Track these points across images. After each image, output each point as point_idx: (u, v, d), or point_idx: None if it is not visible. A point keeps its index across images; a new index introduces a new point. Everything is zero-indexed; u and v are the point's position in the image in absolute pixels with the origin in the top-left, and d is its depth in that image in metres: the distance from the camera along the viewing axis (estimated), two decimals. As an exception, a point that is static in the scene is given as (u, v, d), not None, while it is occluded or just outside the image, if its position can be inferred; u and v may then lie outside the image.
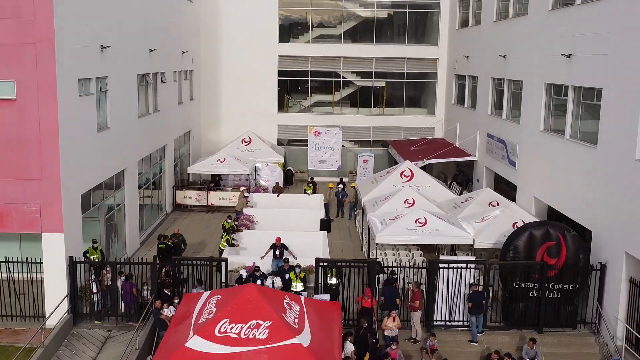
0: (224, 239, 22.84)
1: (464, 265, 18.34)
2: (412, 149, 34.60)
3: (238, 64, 38.31)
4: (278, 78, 38.92)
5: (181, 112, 33.43)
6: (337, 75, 39.42)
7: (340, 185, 31.60)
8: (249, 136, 35.78)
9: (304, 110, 40.29)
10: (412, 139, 37.80)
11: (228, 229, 23.33)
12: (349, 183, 34.04)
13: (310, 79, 39.67)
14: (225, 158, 32.26)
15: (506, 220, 20.53)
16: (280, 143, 39.38)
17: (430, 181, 26.39)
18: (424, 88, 40.65)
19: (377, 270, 19.09)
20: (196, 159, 35.70)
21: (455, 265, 18.36)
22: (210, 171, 32.44)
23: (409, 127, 39.20)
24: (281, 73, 38.98)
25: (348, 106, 40.24)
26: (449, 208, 23.92)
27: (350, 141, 39.57)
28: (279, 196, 30.50)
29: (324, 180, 36.01)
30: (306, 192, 31.41)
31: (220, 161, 32.05)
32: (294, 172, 38.10)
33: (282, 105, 39.94)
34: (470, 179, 32.66)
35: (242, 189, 30.25)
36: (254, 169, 33.83)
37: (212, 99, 38.85)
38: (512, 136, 25.96)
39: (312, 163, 36.65)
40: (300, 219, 26.80)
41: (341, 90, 39.92)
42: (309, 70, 39.25)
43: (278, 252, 21.10)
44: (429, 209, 22.01)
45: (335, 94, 39.82)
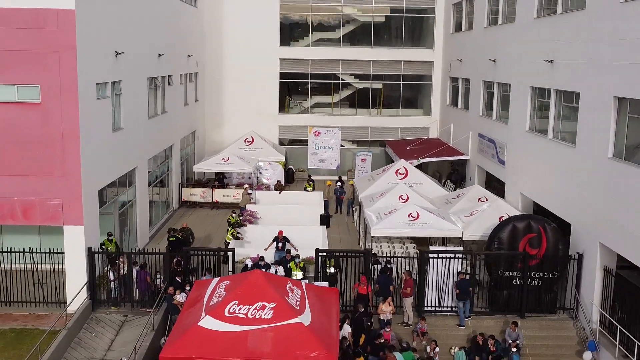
0: (229, 232, 24.33)
1: (452, 255, 19.88)
2: (408, 148, 36.07)
3: (240, 66, 39.76)
4: (279, 80, 40.38)
5: (187, 113, 34.93)
6: (336, 77, 40.90)
7: (339, 183, 33.11)
8: (252, 136, 37.28)
9: (304, 111, 41.77)
10: (409, 138, 39.24)
11: (233, 223, 24.83)
12: (348, 181, 35.51)
13: (310, 81, 41.15)
14: (229, 157, 33.79)
15: (493, 215, 22.02)
16: (281, 143, 40.84)
17: (423, 179, 27.87)
18: (420, 90, 42.10)
19: (373, 261, 20.61)
20: (201, 158, 37.20)
21: (444, 255, 19.91)
22: (215, 169, 33.96)
23: (405, 127, 40.67)
24: (282, 75, 40.45)
25: (347, 107, 41.72)
26: (441, 204, 25.42)
27: (349, 141, 41.01)
28: (280, 193, 31.96)
29: (323, 178, 37.51)
30: (306, 189, 32.90)
31: (225, 160, 33.58)
32: (294, 170, 39.59)
33: (283, 106, 41.41)
34: (464, 177, 34.15)
35: (246, 186, 31.76)
36: (256, 168, 35.28)
37: (216, 100, 40.34)
38: (501, 136, 27.46)
39: (312, 162, 38.09)
40: (300, 214, 28.17)
41: (340, 91, 41.40)
42: (309, 73, 40.71)
43: (280, 244, 22.58)
44: (422, 205, 23.52)
45: (334, 95, 41.31)
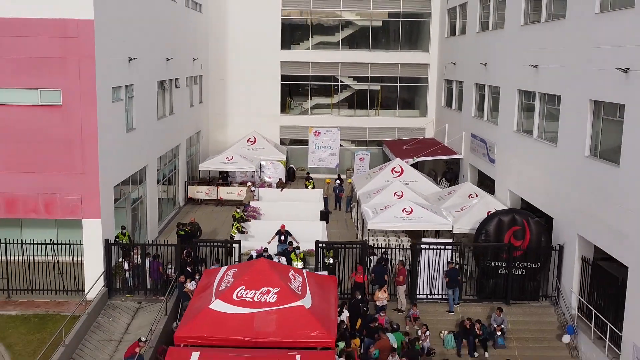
0: (234, 227, 25.85)
1: (442, 247, 21.43)
2: (404, 147, 37.57)
3: (243, 69, 41.26)
4: (280, 82, 41.91)
5: (192, 114, 36.45)
6: (335, 79, 42.42)
7: (338, 181, 34.65)
8: (254, 136, 38.81)
9: (305, 112, 43.28)
10: (405, 138, 40.73)
11: (238, 218, 26.34)
12: (346, 179, 37.00)
13: (310, 83, 42.67)
14: (233, 156, 35.32)
15: (481, 209, 23.53)
16: (282, 142, 42.34)
17: (418, 176, 29.41)
18: (417, 91, 43.59)
19: (369, 253, 22.15)
20: (205, 157, 38.72)
21: (434, 247, 21.46)
22: (219, 168, 35.50)
23: (402, 127, 42.16)
24: (283, 77, 41.97)
25: (346, 108, 43.23)
26: (434, 200, 26.94)
27: (348, 141, 42.51)
28: (282, 191, 33.46)
29: (323, 176, 39.04)
30: (307, 186, 34.44)
31: (229, 159, 35.11)
32: (295, 169, 41.10)
33: (285, 107, 42.91)
34: (458, 175, 35.63)
35: (249, 184, 33.25)
36: (258, 167, 36.80)
37: (220, 101, 41.85)
38: (491, 136, 28.98)
39: (312, 161, 39.60)
40: (301, 211, 29.60)
41: (339, 93, 42.92)
42: (309, 75, 42.26)
43: (283, 237, 24.12)
44: (415, 200, 25.03)
45: (333, 96, 42.83)
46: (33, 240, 21.18)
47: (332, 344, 15.76)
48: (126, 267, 21.42)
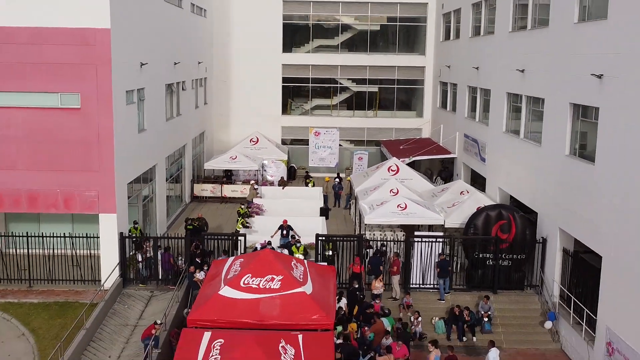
0: (239, 222, 27.38)
1: (433, 240, 22.98)
2: (401, 147, 39.10)
3: (246, 71, 42.78)
4: (282, 84, 43.45)
5: (197, 115, 37.99)
6: (335, 81, 43.95)
7: (337, 179, 36.19)
8: (256, 136, 40.37)
9: (305, 112, 44.80)
10: (402, 138, 42.23)
11: (243, 214, 27.88)
12: (345, 177, 38.53)
13: (310, 85, 44.18)
14: (236, 155, 36.88)
15: (471, 205, 25.05)
16: (284, 142, 43.85)
17: (413, 175, 30.95)
18: (413, 93, 45.09)
19: (366, 246, 23.67)
20: (209, 156, 40.25)
21: (427, 240, 23.01)
22: (224, 167, 37.05)
23: (399, 128, 43.68)
24: (285, 80, 43.51)
25: (345, 109, 44.73)
26: (428, 197, 28.48)
27: (347, 141, 44.03)
28: (283, 189, 34.98)
29: (322, 175, 40.56)
30: (307, 184, 35.99)
31: (233, 158, 36.67)
32: (296, 168, 42.64)
33: (286, 109, 44.44)
34: (453, 174, 37.14)
35: (252, 182, 34.80)
36: (261, 166, 38.33)
37: (223, 103, 43.38)
38: (482, 136, 30.51)
39: (313, 160, 41.18)
40: (302, 207, 31.09)
41: (338, 94, 44.46)
42: (309, 77, 43.78)
43: (285, 231, 25.65)
44: (410, 197, 26.57)
45: (333, 98, 44.36)
46: (52, 233, 22.72)
47: (331, 326, 17.25)
48: (139, 259, 22.96)
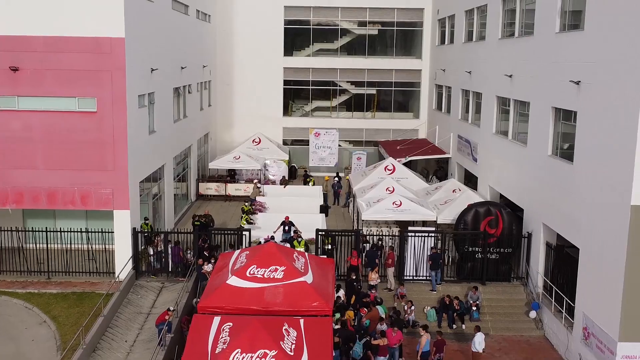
0: (243, 218, 28.94)
1: (426, 235, 24.53)
2: (398, 147, 40.65)
3: (248, 74, 44.31)
4: (283, 86, 44.97)
5: (202, 117, 39.54)
6: (334, 84, 45.48)
7: (336, 178, 37.75)
8: (259, 137, 41.92)
9: (306, 114, 46.32)
10: (399, 139, 43.81)
11: (247, 211, 29.44)
12: (344, 177, 40.09)
13: (311, 87, 45.70)
14: (240, 155, 38.41)
15: (463, 203, 26.55)
16: (285, 143, 45.38)
17: (408, 174, 32.50)
18: (410, 95, 46.60)
19: (362, 240, 25.23)
20: (213, 156, 41.80)
21: (420, 235, 24.56)
22: (228, 167, 38.59)
23: (396, 129, 45.23)
24: (286, 82, 45.04)
25: (344, 111, 46.25)
26: (422, 195, 30.03)
27: (346, 141, 45.56)
28: (285, 187, 36.53)
29: (322, 174, 42.13)
30: (308, 183, 37.56)
31: (236, 158, 38.21)
32: (297, 167, 44.17)
33: (287, 110, 45.99)
34: (447, 173, 38.68)
35: (255, 181, 36.35)
36: (263, 165, 39.87)
37: (227, 105, 44.93)
38: (474, 137, 32.06)
39: (313, 160, 42.79)
40: (302, 205, 32.61)
41: (338, 97, 46.00)
42: (310, 80, 45.33)
43: (287, 227, 27.20)
44: (405, 195, 28.12)
45: (332, 100, 45.90)
46: (70, 228, 24.28)
47: (329, 312, 18.77)
48: (151, 253, 24.52)
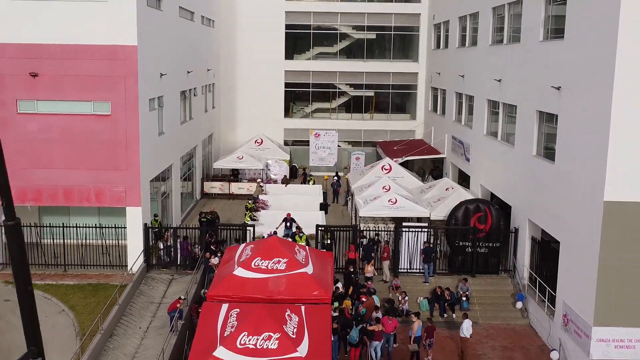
0: (247, 215, 30.50)
1: (420, 230, 26.10)
2: (395, 148, 42.20)
3: (251, 77, 45.84)
4: (284, 89, 46.53)
5: (206, 119, 41.11)
6: (334, 86, 47.05)
7: (336, 178, 39.32)
8: (261, 138, 43.48)
9: (306, 115, 47.86)
10: (396, 140, 45.37)
11: (250, 208, 31.00)
12: (343, 176, 41.63)
13: (311, 89, 47.26)
14: (243, 155, 39.98)
15: (455, 200, 28.12)
16: (286, 143, 46.94)
17: (404, 173, 34.08)
18: (407, 97, 48.16)
19: (360, 235, 26.80)
20: (217, 156, 43.36)
21: (413, 230, 26.13)
22: (231, 166, 40.17)
23: (394, 130, 46.79)
24: (287, 85, 46.59)
25: (343, 112, 47.81)
26: (417, 193, 31.60)
27: (345, 142, 47.12)
28: (286, 186, 38.10)
29: (322, 174, 43.69)
30: (308, 182, 39.14)
31: (239, 158, 39.79)
32: (298, 167, 45.73)
33: (288, 112, 47.55)
34: (442, 172, 40.26)
35: (258, 180, 37.94)
36: (265, 165, 41.43)
37: (230, 106, 46.50)
38: (467, 138, 33.63)
39: (313, 160, 44.37)
40: (303, 203, 34.19)
41: (337, 99, 47.55)
42: (310, 82, 46.90)
43: (288, 224, 28.76)
44: (400, 193, 29.69)
45: (332, 102, 47.48)
46: (85, 224, 25.85)
47: (328, 301, 20.34)
48: (161, 247, 26.09)
